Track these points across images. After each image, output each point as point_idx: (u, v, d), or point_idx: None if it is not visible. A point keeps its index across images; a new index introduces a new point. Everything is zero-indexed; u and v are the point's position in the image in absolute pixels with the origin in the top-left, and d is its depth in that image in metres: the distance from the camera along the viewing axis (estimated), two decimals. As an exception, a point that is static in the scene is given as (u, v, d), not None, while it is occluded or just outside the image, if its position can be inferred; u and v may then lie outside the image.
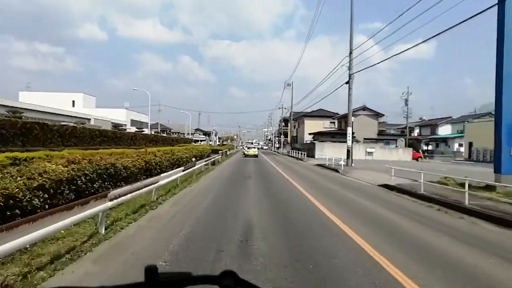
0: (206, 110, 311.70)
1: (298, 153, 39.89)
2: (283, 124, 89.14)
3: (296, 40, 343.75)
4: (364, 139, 42.27)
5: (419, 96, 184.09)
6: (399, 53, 17.47)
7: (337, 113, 52.26)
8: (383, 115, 44.66)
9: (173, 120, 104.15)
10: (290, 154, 47.87)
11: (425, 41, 17.13)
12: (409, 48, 27.24)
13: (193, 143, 77.59)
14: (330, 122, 53.18)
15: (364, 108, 44.58)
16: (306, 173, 20.07)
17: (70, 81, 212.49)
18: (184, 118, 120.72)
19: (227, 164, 26.59)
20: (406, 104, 53.42)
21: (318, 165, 27.54)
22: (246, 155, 37.70)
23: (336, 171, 21.47)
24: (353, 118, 46.51)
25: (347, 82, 24.88)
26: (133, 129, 57.43)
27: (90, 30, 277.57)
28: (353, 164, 24.23)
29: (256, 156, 37.32)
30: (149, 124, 50.94)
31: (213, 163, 23.70)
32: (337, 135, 42.66)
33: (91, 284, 3.56)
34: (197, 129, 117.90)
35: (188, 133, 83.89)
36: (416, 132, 59.47)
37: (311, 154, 38.21)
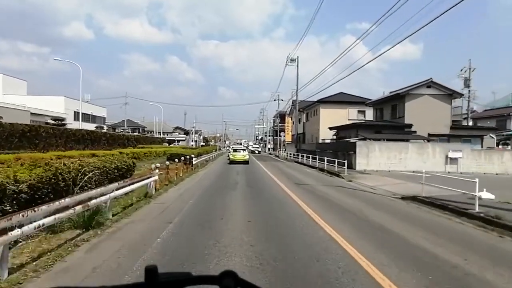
0: (194, 111, 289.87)
1: (320, 160, 22.90)
2: (279, 120, 72.21)
3: (286, 41, 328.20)
4: (430, 134, 25.20)
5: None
6: None
7: (369, 99, 35.03)
8: (462, 95, 27.25)
9: (151, 118, 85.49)
10: (301, 161, 30.66)
11: None
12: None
13: (166, 143, 60.10)
14: (358, 111, 35.83)
15: (429, 85, 25.63)
16: None
17: (60, 80, 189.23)
18: (166, 116, 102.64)
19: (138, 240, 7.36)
20: (467, 86, 36.77)
21: (476, 220, 10.12)
22: (232, 161, 27.76)
23: None
24: (411, 100, 29.25)
25: None
26: (83, 125, 39.28)
27: (77, 29, 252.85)
28: None
29: (247, 162, 27.45)
30: (80, 114, 32.97)
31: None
32: (386, 129, 25.45)
33: (91, 284, 3.59)
34: (176, 128, 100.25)
35: (159, 132, 65.51)
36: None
37: (349, 163, 20.97)
